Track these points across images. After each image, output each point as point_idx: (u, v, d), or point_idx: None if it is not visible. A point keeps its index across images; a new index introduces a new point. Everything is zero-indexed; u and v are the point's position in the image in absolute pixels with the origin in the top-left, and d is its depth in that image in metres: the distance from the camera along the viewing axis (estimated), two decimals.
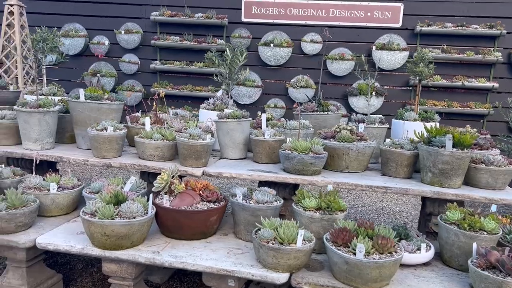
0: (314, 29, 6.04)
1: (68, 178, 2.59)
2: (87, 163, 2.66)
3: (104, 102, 2.86)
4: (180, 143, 2.59)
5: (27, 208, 2.25)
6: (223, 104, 3.35)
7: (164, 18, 6.10)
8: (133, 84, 6.41)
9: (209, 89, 6.18)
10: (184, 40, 6.12)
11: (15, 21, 5.56)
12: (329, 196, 2.25)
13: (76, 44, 6.36)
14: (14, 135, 2.88)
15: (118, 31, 6.29)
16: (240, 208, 2.29)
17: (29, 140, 2.75)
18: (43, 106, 2.75)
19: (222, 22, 5.98)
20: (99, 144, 2.63)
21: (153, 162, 2.66)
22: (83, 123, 2.84)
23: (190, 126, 2.94)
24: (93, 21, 6.43)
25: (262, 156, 2.79)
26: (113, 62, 6.46)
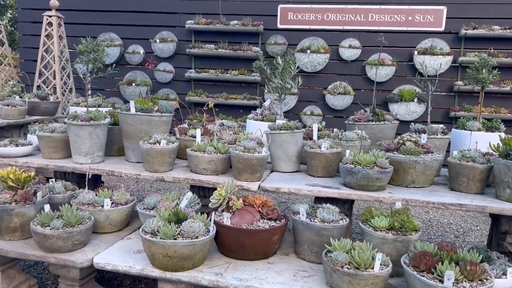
0: (352, 34, 5.87)
1: (121, 194, 2.52)
2: (139, 177, 2.58)
3: (154, 114, 2.78)
4: (235, 156, 2.48)
5: (83, 226, 2.18)
6: (272, 114, 3.23)
7: (199, 26, 6.06)
8: (167, 93, 6.39)
9: (243, 97, 6.09)
10: (219, 48, 6.06)
11: (53, 32, 5.62)
12: (401, 214, 2.09)
13: (111, 54, 6.39)
14: (63, 149, 2.83)
15: (153, 40, 6.28)
16: (304, 227, 2.15)
17: (79, 154, 2.70)
18: (94, 119, 2.70)
19: (258, 29, 5.89)
20: (152, 158, 2.55)
21: (206, 176, 2.55)
22: (133, 135, 2.77)
23: (241, 138, 2.83)
24: (128, 30, 6.46)
25: (318, 170, 2.65)
26: (148, 71, 6.45)
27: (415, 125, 2.99)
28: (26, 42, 6.89)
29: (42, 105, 4.96)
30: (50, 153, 2.80)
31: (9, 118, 4.56)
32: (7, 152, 2.76)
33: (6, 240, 2.26)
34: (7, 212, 2.19)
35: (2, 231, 2.24)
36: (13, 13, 24.68)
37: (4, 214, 2.20)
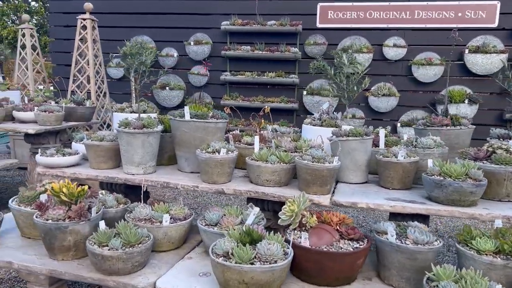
0: (396, 33, 5.56)
1: (179, 208, 2.30)
2: (197, 189, 2.36)
3: (210, 121, 2.56)
4: (302, 166, 2.23)
5: (143, 245, 1.97)
6: (331, 118, 2.97)
7: (235, 27, 5.85)
8: (201, 96, 6.20)
9: (281, 100, 5.84)
10: (256, 49, 5.83)
11: (87, 35, 5.50)
12: (508, 235, 1.80)
13: None
14: (112, 158, 2.64)
15: (187, 42, 6.11)
16: (392, 249, 1.89)
17: (131, 164, 2.50)
18: (146, 126, 2.50)
19: (296, 29, 5.65)
20: (211, 168, 2.33)
21: (269, 188, 2.32)
22: (188, 143, 2.56)
23: (302, 146, 2.59)
24: (161, 33, 6.31)
25: (393, 181, 2.38)
26: (182, 74, 6.28)
27: (496, 129, 2.68)
28: (58, 47, 6.83)
29: (78, 111, 4.83)
30: (98, 163, 2.61)
31: (46, 124, 4.43)
32: (54, 162, 2.59)
33: (59, 260, 2.07)
34: (61, 229, 2.00)
35: (54, 250, 2.06)
36: (38, 19, 25.17)
37: (57, 232, 2.01)
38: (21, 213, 2.27)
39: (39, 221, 2.02)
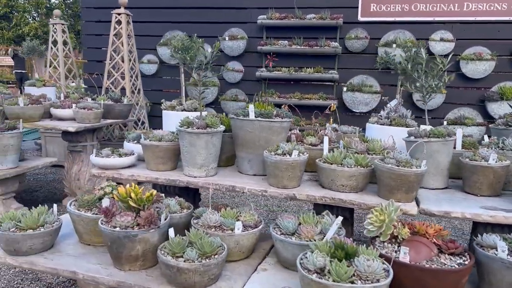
0: (444, 26, 5.29)
1: (250, 214, 2.13)
2: (265, 194, 2.18)
3: (275, 120, 2.38)
4: (385, 171, 2.03)
5: (220, 256, 1.80)
6: (401, 117, 2.76)
7: (272, 22, 5.65)
8: (236, 93, 6.03)
9: (319, 97, 5.63)
10: (294, 44, 5.63)
11: (122, 31, 5.38)
12: None
13: None
14: (171, 159, 2.48)
15: (222, 37, 5.94)
16: (503, 266, 1.68)
17: (193, 166, 2.34)
18: (210, 126, 2.33)
19: (337, 22, 5.42)
20: (281, 172, 2.15)
21: (345, 193, 2.13)
22: (252, 144, 2.38)
23: (376, 147, 2.39)
24: (195, 28, 6.14)
25: (482, 187, 2.17)
26: (216, 70, 6.10)
27: None
28: (89, 42, 6.73)
29: (116, 108, 4.71)
30: (157, 164, 2.46)
31: (85, 121, 4.32)
32: (110, 163, 2.44)
33: (126, 270, 1.92)
34: (130, 238, 1.85)
35: (121, 259, 1.90)
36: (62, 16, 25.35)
37: (126, 240, 1.85)
38: (82, 219, 2.13)
39: (106, 228, 1.87)
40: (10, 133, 3.66)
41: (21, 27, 23.65)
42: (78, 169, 4.54)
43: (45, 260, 2.01)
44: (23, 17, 24.33)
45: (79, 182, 4.54)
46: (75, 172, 4.53)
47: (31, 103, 4.23)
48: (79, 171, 4.54)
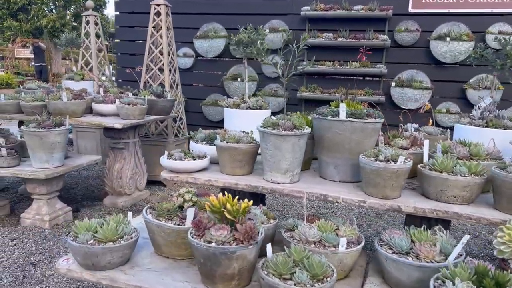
0: (502, 19, 4.96)
1: (351, 228, 1.90)
2: (364, 205, 1.95)
3: (368, 121, 2.13)
4: (508, 181, 1.78)
5: (331, 279, 1.58)
6: (498, 118, 2.49)
7: (316, 13, 5.39)
8: (275, 88, 5.79)
9: (366, 92, 5.36)
10: (339, 36, 5.36)
11: (162, 22, 5.16)
12: None
13: (215, 46, 5.87)
14: (249, 162, 2.26)
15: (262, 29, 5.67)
16: None
17: (277, 171, 2.11)
18: (297, 128, 2.10)
19: (387, 14, 5.12)
20: (383, 180, 1.91)
21: (458, 206, 1.89)
22: (340, 147, 2.15)
23: (479, 152, 2.14)
24: (234, 20, 5.90)
25: None
26: (255, 64, 5.88)
27: None
28: (123, 35, 6.54)
29: (159, 104, 4.51)
30: (234, 168, 2.24)
31: (130, 118, 4.13)
32: (184, 166, 2.23)
33: None
34: (227, 255, 1.64)
35: (215, 278, 1.70)
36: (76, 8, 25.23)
37: (222, 257, 1.64)
38: (163, 229, 1.92)
39: (200, 244, 1.66)
40: (57, 130, 3.49)
41: (39, 19, 23.67)
42: (120, 167, 4.37)
43: (126, 276, 1.81)
44: (40, 9, 24.35)
45: (121, 181, 4.37)
46: (117, 170, 4.36)
47: (73, 98, 4.06)
48: (121, 169, 4.37)
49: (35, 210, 3.71)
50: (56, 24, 23.26)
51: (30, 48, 19.99)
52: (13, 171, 3.49)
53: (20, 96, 4.22)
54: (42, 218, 3.66)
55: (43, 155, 3.50)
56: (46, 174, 3.42)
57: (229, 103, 2.99)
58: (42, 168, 3.54)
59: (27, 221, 3.70)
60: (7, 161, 3.54)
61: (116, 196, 4.43)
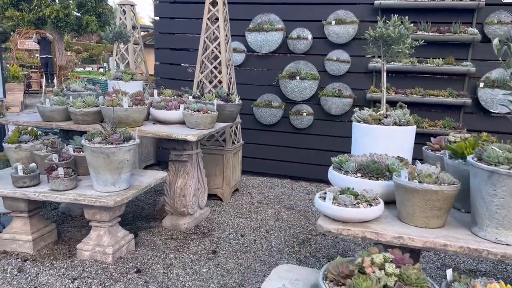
0: None
1: None
2: None
3: None
4: None
5: None
6: None
7: (393, 3, 4.73)
8: (339, 87, 5.13)
9: (448, 93, 4.72)
10: (419, 30, 4.70)
11: (218, 13, 4.49)
12: None
13: (271, 40, 5.20)
14: (447, 210, 1.63)
15: (326, 21, 5.02)
16: None
17: (509, 228, 1.48)
18: None
19: (478, 4, 4.47)
20: None
21: None
22: None
23: None
24: (293, 10, 5.23)
25: None
26: (316, 60, 5.22)
27: None
28: (162, 27, 5.85)
29: (227, 109, 3.88)
30: (428, 219, 1.62)
31: (200, 127, 3.51)
32: (359, 215, 1.60)
33: None
34: None
35: None
36: None
37: None
38: None
39: None
40: (127, 145, 2.86)
41: (42, 9, 22.80)
42: (184, 183, 3.74)
43: None
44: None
45: (184, 200, 3.74)
46: (180, 187, 3.73)
47: (134, 103, 3.41)
48: (184, 186, 3.74)
49: (94, 241, 3.08)
50: (59, 14, 22.42)
51: (33, 37, 19.09)
52: (74, 196, 2.85)
53: (66, 101, 3.56)
54: (104, 250, 3.03)
55: (109, 177, 2.87)
56: (116, 201, 2.79)
57: (362, 116, 2.35)
58: (107, 192, 2.91)
59: (85, 253, 3.07)
60: (64, 183, 2.90)
61: (178, 217, 3.81)
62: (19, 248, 3.20)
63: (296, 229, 3.93)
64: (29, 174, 2.96)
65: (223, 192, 4.62)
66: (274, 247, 3.51)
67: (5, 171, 3.37)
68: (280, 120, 5.39)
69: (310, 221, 4.14)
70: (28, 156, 3.39)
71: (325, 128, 5.29)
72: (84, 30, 26.23)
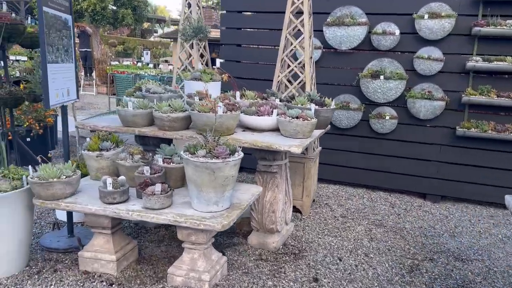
0: None
1: None
2: None
3: None
4: None
5: None
6: None
7: None
8: (429, 89, 4.60)
9: None
10: None
11: (303, 6, 4.03)
12: None
13: (352, 36, 4.71)
14: None
15: (418, 15, 4.49)
16: None
17: None
18: None
19: None
20: None
21: None
22: None
23: None
24: (378, 3, 4.73)
25: None
26: (404, 58, 4.71)
27: None
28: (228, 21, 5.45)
29: (322, 115, 3.44)
30: None
31: (298, 136, 3.10)
32: None
33: None
34: None
35: None
36: None
37: None
38: None
39: None
40: (233, 160, 2.46)
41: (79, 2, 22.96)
42: (273, 197, 3.34)
43: None
44: None
45: (273, 216, 3.34)
46: (270, 201, 3.33)
47: (228, 108, 3.02)
48: (273, 200, 3.34)
49: (187, 265, 2.71)
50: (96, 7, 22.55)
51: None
52: (172, 217, 2.49)
53: (149, 104, 3.21)
54: (199, 276, 2.66)
55: (212, 195, 2.48)
56: (223, 225, 2.40)
57: None
58: (209, 212, 2.53)
59: (178, 279, 2.71)
60: (161, 201, 2.54)
61: (265, 234, 3.41)
62: (101, 268, 2.88)
63: (396, 251, 3.46)
64: (118, 189, 2.61)
65: (303, 204, 4.20)
66: (382, 275, 3.06)
67: (86, 181, 3.05)
68: (358, 123, 4.90)
69: (408, 242, 3.67)
70: (110, 165, 3.06)
71: (411, 134, 4.77)
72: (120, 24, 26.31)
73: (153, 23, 37.94)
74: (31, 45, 4.88)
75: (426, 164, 4.75)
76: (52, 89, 2.96)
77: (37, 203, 2.67)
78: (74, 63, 3.43)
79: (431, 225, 4.08)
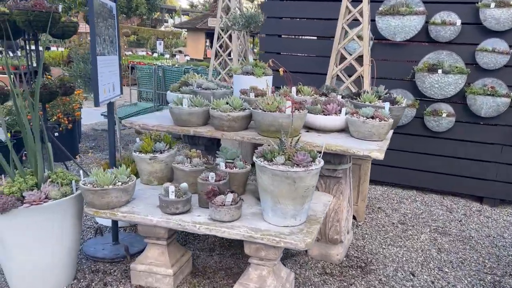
0: None
1: None
2: None
3: None
4: None
5: None
6: None
7: None
8: (492, 84, 4.23)
9: None
10: None
11: None
12: None
13: (408, 26, 4.34)
14: None
15: (482, 3, 4.10)
16: None
17: None
18: None
19: None
20: None
21: None
22: None
23: None
24: None
25: None
26: (464, 51, 4.33)
27: None
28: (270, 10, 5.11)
29: (393, 113, 3.09)
30: None
31: (373, 138, 2.78)
32: None
33: None
34: None
35: None
36: None
37: None
38: None
39: None
40: (316, 168, 2.16)
41: None
42: (337, 205, 3.04)
43: None
44: None
45: (338, 225, 3.04)
46: (334, 209, 3.03)
47: (294, 107, 2.70)
48: (338, 208, 3.03)
49: (255, 283, 2.43)
50: None
51: None
52: (246, 231, 2.20)
53: (205, 102, 2.91)
54: None
55: (290, 208, 2.19)
56: (306, 243, 2.10)
57: None
58: (285, 226, 2.24)
59: None
60: (231, 212, 2.25)
61: (327, 244, 3.12)
62: (156, 283, 2.61)
63: (471, 265, 3.15)
64: (181, 198, 2.33)
65: (358, 209, 3.89)
66: None
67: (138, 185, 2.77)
68: (411, 120, 4.56)
69: (481, 253, 3.34)
70: (163, 169, 2.78)
71: (470, 133, 4.41)
72: (134, 13, 26.01)
73: (163, 12, 37.56)
74: (63, 35, 4.62)
75: (486, 165, 4.40)
76: (101, 85, 2.68)
77: (90, 213, 2.40)
78: (118, 55, 3.14)
79: (499, 234, 3.74)
